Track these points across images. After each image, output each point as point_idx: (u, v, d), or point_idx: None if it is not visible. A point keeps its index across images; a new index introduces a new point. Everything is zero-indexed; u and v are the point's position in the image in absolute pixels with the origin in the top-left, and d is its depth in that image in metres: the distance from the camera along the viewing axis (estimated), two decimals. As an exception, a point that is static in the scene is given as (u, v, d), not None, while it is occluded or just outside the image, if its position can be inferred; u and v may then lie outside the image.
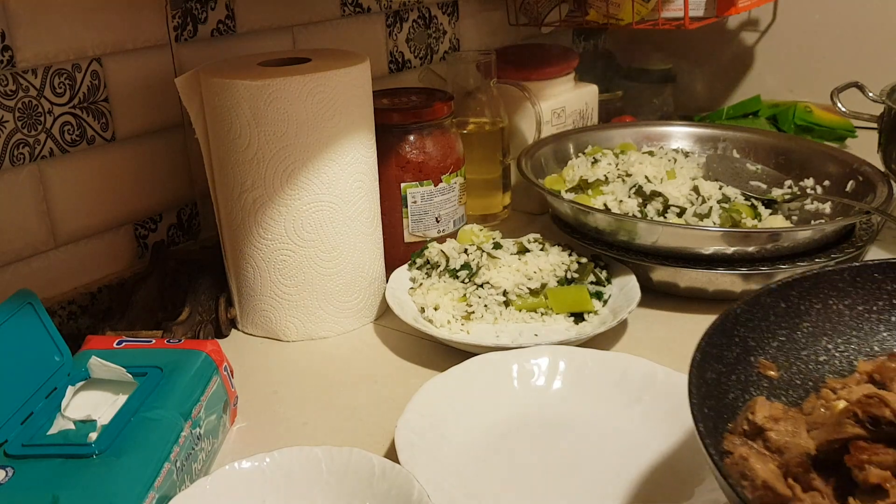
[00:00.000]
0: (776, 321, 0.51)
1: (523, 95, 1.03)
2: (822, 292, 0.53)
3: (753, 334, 0.50)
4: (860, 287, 0.54)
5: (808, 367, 0.51)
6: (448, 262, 0.83)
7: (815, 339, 0.52)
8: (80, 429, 0.55)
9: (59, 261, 0.80)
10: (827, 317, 0.53)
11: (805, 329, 0.52)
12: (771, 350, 0.51)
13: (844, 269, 0.54)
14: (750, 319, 0.50)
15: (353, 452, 0.55)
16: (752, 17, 1.40)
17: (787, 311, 0.52)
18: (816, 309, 0.53)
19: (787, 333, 0.52)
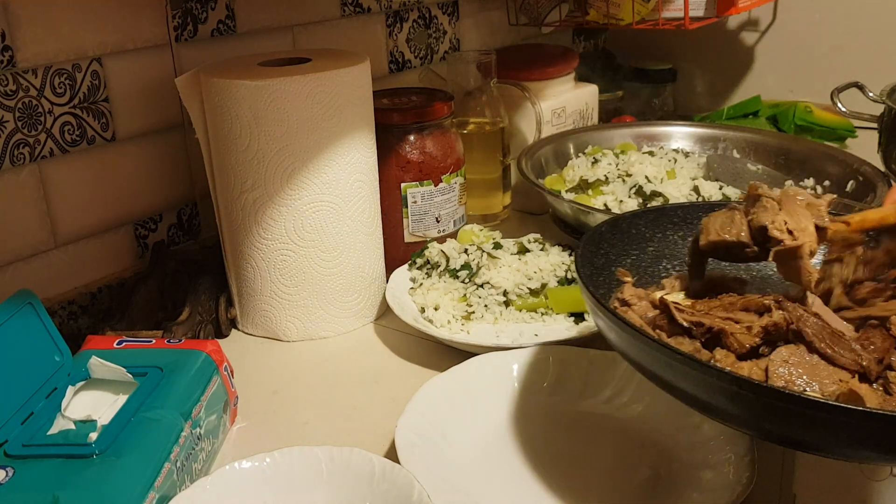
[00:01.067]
0: (629, 242, 0.65)
1: (523, 95, 1.03)
2: (662, 224, 0.67)
3: (614, 250, 0.64)
4: (690, 222, 0.67)
5: (651, 280, 0.66)
6: (448, 262, 0.83)
7: (657, 261, 0.66)
8: (80, 429, 0.55)
9: (60, 261, 0.80)
10: (665, 244, 0.67)
11: (650, 251, 0.66)
12: (626, 264, 0.65)
13: (678, 206, 0.68)
14: (611, 238, 0.64)
15: (354, 452, 0.55)
16: (752, 17, 1.40)
17: (637, 236, 0.66)
18: (658, 237, 0.67)
19: (637, 254, 0.66)
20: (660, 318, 0.56)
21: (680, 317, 0.54)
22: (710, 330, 0.53)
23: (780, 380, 0.49)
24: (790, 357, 0.50)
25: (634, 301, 0.58)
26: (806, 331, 0.51)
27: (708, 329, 0.53)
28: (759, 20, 1.40)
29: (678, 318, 0.54)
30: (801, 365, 0.50)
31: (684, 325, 0.54)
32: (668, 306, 0.56)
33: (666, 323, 0.56)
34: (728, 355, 0.52)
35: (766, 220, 0.57)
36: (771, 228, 0.56)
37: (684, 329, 0.54)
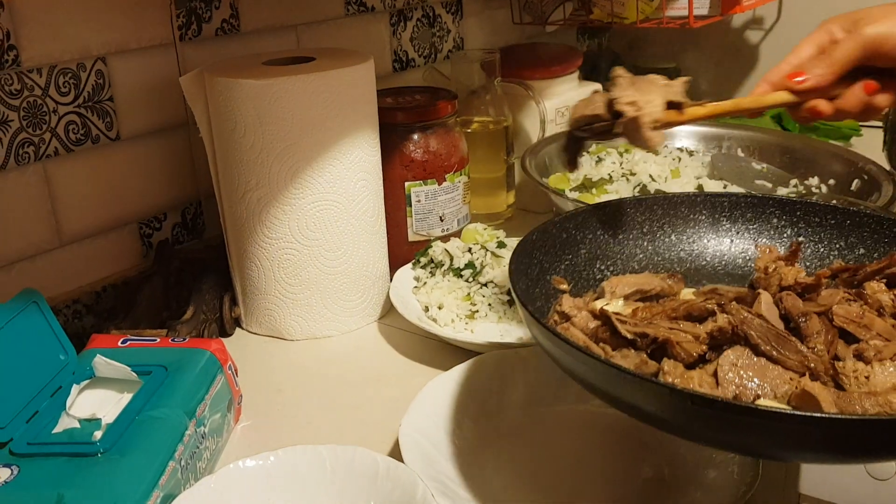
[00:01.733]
0: (561, 247, 0.64)
1: (527, 94, 1.03)
2: (591, 225, 0.66)
3: (547, 257, 0.63)
4: (619, 220, 0.67)
5: (588, 284, 0.65)
6: (452, 261, 0.83)
7: (591, 263, 0.66)
8: (84, 427, 0.55)
9: (64, 260, 0.80)
10: (597, 245, 0.66)
11: (582, 255, 0.65)
12: (560, 270, 0.63)
13: (605, 205, 0.67)
14: (542, 245, 0.62)
15: (358, 451, 0.55)
16: (756, 16, 1.40)
17: (568, 241, 0.65)
18: (589, 239, 0.66)
19: (570, 258, 0.65)
20: (602, 331, 0.55)
21: (623, 328, 0.53)
22: (655, 340, 0.52)
23: (730, 385, 0.49)
24: (738, 360, 0.50)
25: (574, 313, 0.57)
26: (751, 333, 0.51)
27: (653, 340, 0.53)
28: (764, 18, 1.40)
29: (621, 329, 0.53)
30: (749, 367, 0.50)
31: (628, 338, 0.53)
32: (609, 318, 0.54)
33: (609, 335, 0.54)
34: (676, 366, 0.51)
35: (615, 95, 0.63)
36: (616, 102, 0.62)
37: (628, 341, 0.53)
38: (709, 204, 0.68)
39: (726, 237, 0.67)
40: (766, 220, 0.67)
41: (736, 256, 0.67)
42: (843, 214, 0.66)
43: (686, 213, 0.68)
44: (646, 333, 0.53)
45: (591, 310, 0.58)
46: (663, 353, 0.52)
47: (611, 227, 0.66)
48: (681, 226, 0.67)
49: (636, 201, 0.67)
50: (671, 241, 0.67)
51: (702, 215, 0.68)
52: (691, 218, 0.68)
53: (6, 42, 0.72)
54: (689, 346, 0.52)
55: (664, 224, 0.67)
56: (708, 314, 0.54)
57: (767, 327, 0.52)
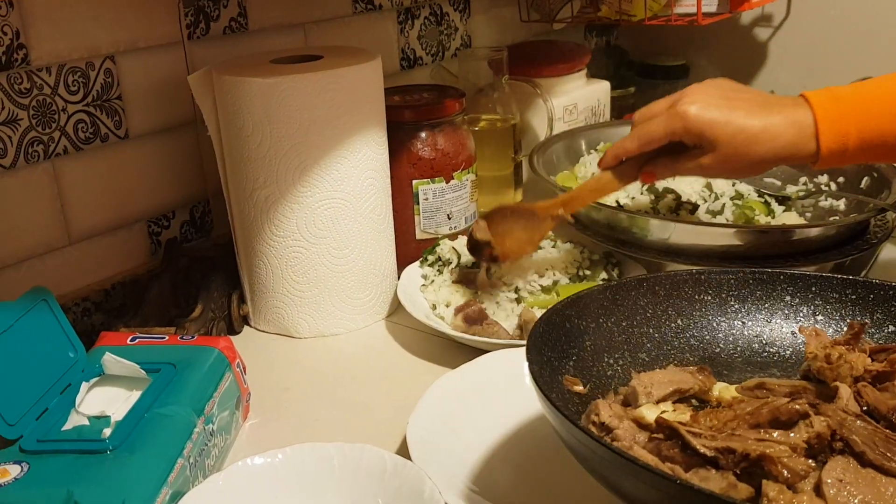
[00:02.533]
0: (566, 340, 0.56)
1: (535, 92, 1.02)
2: (592, 312, 0.58)
3: (554, 354, 0.54)
4: (620, 304, 0.60)
5: (601, 382, 0.56)
6: (460, 260, 0.83)
7: (598, 356, 0.57)
8: (94, 425, 0.55)
9: (74, 258, 0.81)
10: (601, 334, 0.58)
11: (588, 347, 0.57)
12: (570, 368, 0.55)
13: (606, 288, 0.60)
14: (549, 339, 0.54)
15: (365, 449, 0.55)
16: (765, 13, 1.39)
17: (571, 331, 0.57)
18: (592, 328, 0.58)
19: (577, 352, 0.56)
20: (667, 447, 0.46)
21: (698, 443, 0.44)
22: (747, 457, 0.43)
23: None
24: (844, 475, 0.42)
25: (616, 423, 0.49)
26: (854, 439, 0.44)
27: (743, 456, 0.43)
28: (773, 15, 1.39)
29: (696, 444, 0.44)
30: (858, 483, 0.42)
31: (707, 455, 0.44)
32: (676, 430, 0.46)
33: (677, 452, 0.45)
34: (782, 490, 0.42)
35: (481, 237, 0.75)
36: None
37: (707, 459, 0.44)
38: (714, 282, 0.62)
39: (737, 319, 0.61)
40: (778, 298, 0.61)
41: (751, 341, 0.61)
42: (863, 288, 0.59)
43: (690, 294, 0.62)
44: (732, 449, 0.43)
45: (635, 419, 0.50)
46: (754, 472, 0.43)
47: (613, 314, 0.59)
48: (686, 308, 0.61)
49: (636, 282, 0.61)
50: (678, 325, 0.61)
51: (707, 295, 0.62)
52: (696, 299, 0.62)
53: (16, 41, 0.73)
54: (794, 464, 0.43)
55: (668, 307, 0.61)
56: (799, 417, 0.46)
57: (873, 429, 0.44)
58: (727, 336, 0.61)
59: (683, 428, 0.46)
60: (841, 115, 0.65)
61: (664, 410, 0.52)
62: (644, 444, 0.47)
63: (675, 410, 0.53)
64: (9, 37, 0.72)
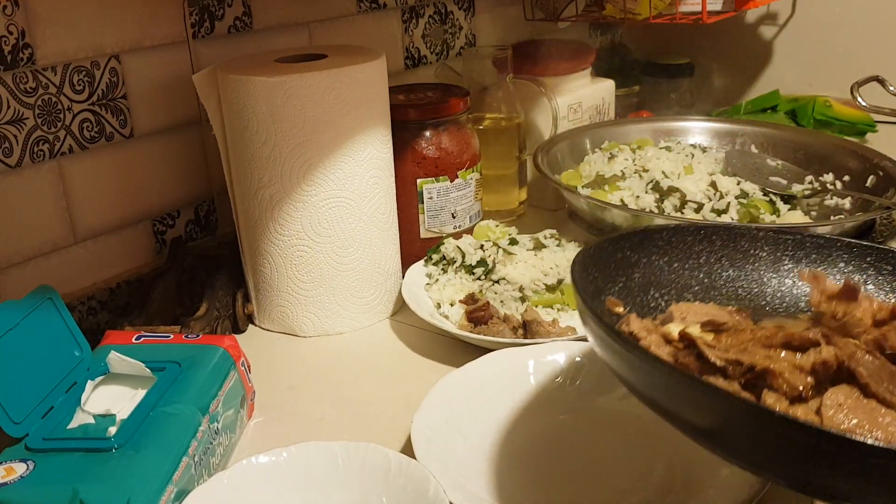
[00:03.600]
0: (616, 269, 0.59)
1: (539, 91, 1.02)
2: (646, 248, 0.61)
3: (602, 275, 0.57)
4: (675, 247, 0.62)
5: (642, 311, 0.59)
6: (464, 258, 0.83)
7: (645, 289, 0.60)
8: (99, 423, 0.56)
9: (79, 257, 0.81)
10: (651, 270, 0.60)
11: (636, 279, 0.60)
12: (615, 292, 0.58)
13: (663, 228, 0.62)
14: (598, 262, 0.57)
15: (370, 448, 0.55)
16: (770, 11, 1.39)
17: (623, 262, 0.59)
18: (643, 262, 0.60)
19: (624, 281, 0.59)
20: (684, 355, 0.49)
21: (712, 353, 0.47)
22: (752, 369, 0.46)
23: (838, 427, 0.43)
24: (845, 400, 0.44)
25: (644, 335, 0.52)
26: (860, 371, 0.45)
27: (749, 368, 0.46)
28: (778, 14, 1.39)
29: (709, 354, 0.47)
30: (857, 410, 0.44)
31: (718, 364, 0.47)
32: (694, 341, 0.49)
33: (693, 360, 0.48)
34: (779, 399, 0.44)
35: None
36: None
37: (718, 368, 0.47)
38: (771, 240, 0.63)
39: (788, 277, 0.62)
40: (832, 264, 0.62)
41: (798, 299, 0.61)
42: None
43: (746, 248, 0.62)
44: (740, 361, 0.46)
45: (663, 333, 0.52)
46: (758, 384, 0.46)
47: (666, 254, 0.61)
48: (740, 260, 0.62)
49: (695, 229, 0.62)
50: (729, 275, 0.62)
51: (763, 251, 0.63)
52: (751, 253, 0.62)
53: (21, 40, 0.73)
54: (794, 378, 0.45)
55: (722, 257, 0.62)
56: (810, 344, 0.47)
57: (880, 364, 0.45)
58: (776, 291, 0.62)
59: (700, 340, 0.48)
60: None
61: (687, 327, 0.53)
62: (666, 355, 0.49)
63: (702, 333, 0.54)
64: (14, 36, 0.72)
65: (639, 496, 0.56)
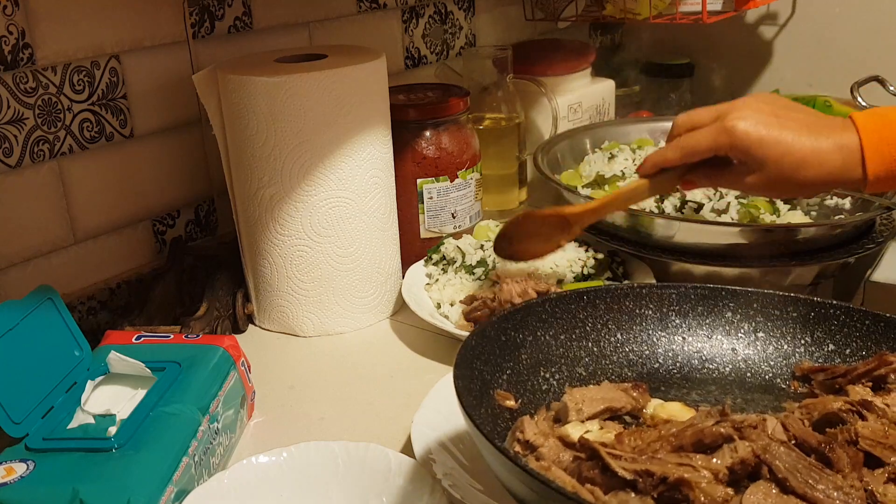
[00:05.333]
0: (501, 354, 0.55)
1: (539, 91, 1.02)
2: (531, 324, 0.57)
3: (487, 367, 0.53)
4: (559, 318, 0.59)
5: (535, 397, 0.55)
6: (464, 258, 0.83)
7: (534, 370, 0.56)
8: (99, 423, 0.56)
9: (79, 256, 0.81)
10: (538, 348, 0.57)
11: (524, 361, 0.56)
12: (503, 382, 0.54)
13: (546, 300, 0.59)
14: (482, 352, 0.53)
15: (370, 447, 0.55)
16: (770, 11, 1.39)
17: (507, 344, 0.56)
18: (529, 341, 0.57)
19: (511, 365, 0.55)
20: (587, 467, 0.45)
21: (618, 466, 0.44)
22: (665, 481, 0.43)
23: None
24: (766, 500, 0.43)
25: (541, 441, 0.48)
26: (777, 465, 0.44)
27: (661, 479, 0.43)
28: (778, 14, 1.39)
29: (616, 467, 0.44)
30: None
31: (627, 478, 0.43)
32: (596, 451, 0.45)
33: (597, 473, 0.44)
34: None
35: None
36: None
37: (627, 482, 0.43)
38: (655, 297, 0.61)
39: (677, 334, 0.61)
40: (719, 314, 0.61)
41: (690, 357, 0.60)
42: (805, 306, 0.59)
43: (631, 308, 0.61)
44: (651, 472, 0.43)
45: (560, 437, 0.49)
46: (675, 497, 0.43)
47: (551, 327, 0.58)
48: (626, 322, 0.60)
49: (577, 295, 0.60)
50: (617, 340, 0.60)
51: (648, 310, 0.61)
52: (637, 313, 0.61)
53: (21, 41, 0.73)
54: (711, 489, 0.42)
55: (608, 321, 0.60)
56: (723, 440, 0.45)
57: (797, 457, 0.44)
58: (667, 351, 0.60)
59: (604, 449, 0.45)
60: (889, 140, 0.62)
61: (588, 430, 0.51)
62: (567, 465, 0.47)
63: (602, 429, 0.51)
64: (14, 36, 0.72)
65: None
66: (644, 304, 0.61)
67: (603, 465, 0.44)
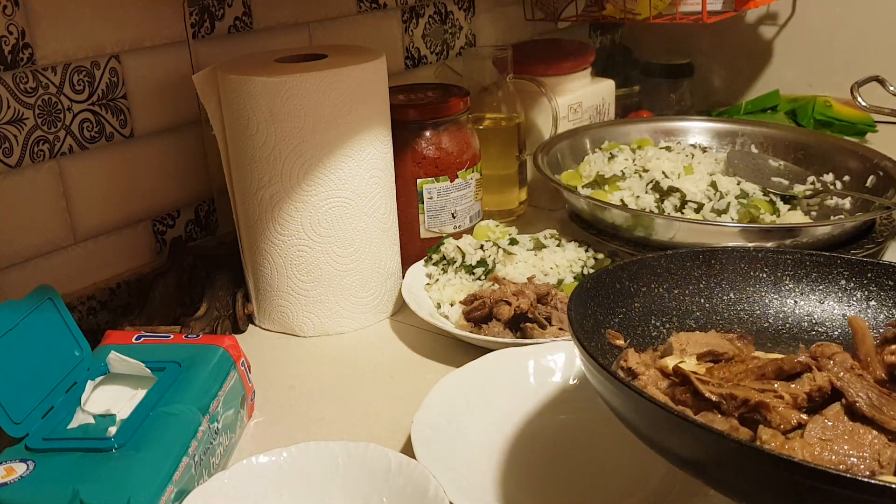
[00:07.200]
0: (615, 300, 0.58)
1: (539, 91, 1.02)
2: (644, 277, 0.60)
3: (601, 309, 0.57)
4: (674, 273, 0.61)
5: (644, 341, 0.58)
6: (464, 258, 0.83)
7: (646, 318, 0.59)
8: (99, 423, 0.56)
9: (79, 256, 0.81)
10: (651, 299, 0.60)
11: (636, 309, 0.59)
12: (615, 324, 0.57)
13: (661, 256, 0.62)
14: (596, 295, 0.57)
15: (370, 448, 0.55)
16: (770, 11, 1.39)
17: (622, 292, 0.59)
18: (643, 291, 0.60)
19: (624, 311, 0.58)
20: (681, 392, 0.49)
21: (706, 389, 0.48)
22: (746, 403, 0.47)
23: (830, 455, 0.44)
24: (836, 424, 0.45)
25: (642, 370, 0.52)
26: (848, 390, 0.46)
27: (743, 402, 0.47)
28: (778, 14, 1.39)
29: (703, 390, 0.48)
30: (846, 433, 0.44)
31: (713, 399, 0.47)
32: (688, 377, 0.49)
33: (689, 396, 0.49)
34: (775, 435, 0.45)
35: None
36: None
37: (713, 404, 0.47)
38: (770, 261, 0.63)
39: (789, 297, 0.62)
40: (833, 282, 0.62)
41: (800, 319, 0.61)
42: None
43: (745, 270, 0.62)
44: (734, 395, 0.47)
45: (660, 367, 0.52)
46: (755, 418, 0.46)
47: (665, 281, 0.61)
48: (740, 283, 0.62)
49: (693, 254, 0.62)
50: (730, 298, 0.62)
51: (763, 273, 0.63)
52: (751, 275, 0.62)
53: (21, 40, 0.73)
54: (787, 413, 0.46)
55: (722, 280, 0.62)
56: (803, 370, 0.48)
57: (867, 384, 0.46)
58: (777, 312, 0.62)
59: (694, 376, 0.49)
60: None
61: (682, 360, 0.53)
62: (663, 390, 0.50)
63: (698, 365, 0.54)
64: (14, 36, 0.72)
65: (637, 497, 0.56)
66: (759, 268, 0.63)
67: (693, 389, 0.48)
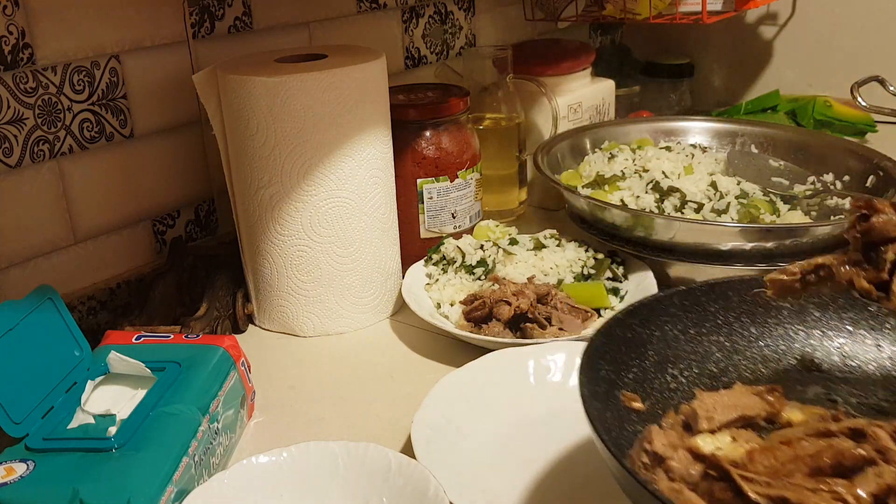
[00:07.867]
0: (626, 352, 0.52)
1: (539, 91, 1.02)
2: (658, 319, 0.54)
3: (612, 367, 0.51)
4: (688, 311, 0.55)
5: (662, 397, 0.52)
6: (464, 258, 0.83)
7: (662, 368, 0.53)
8: (99, 423, 0.56)
9: (79, 256, 0.81)
10: (666, 344, 0.54)
11: (651, 358, 0.53)
12: (629, 382, 0.51)
13: (673, 294, 0.55)
14: (607, 352, 0.51)
15: (370, 448, 0.55)
16: (770, 11, 1.39)
17: (633, 341, 0.53)
18: (656, 337, 0.54)
19: (637, 363, 0.52)
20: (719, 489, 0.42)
21: (751, 489, 0.41)
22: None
23: None
24: None
25: (670, 454, 0.45)
26: None
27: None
28: (778, 14, 1.39)
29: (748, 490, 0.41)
30: None
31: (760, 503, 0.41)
32: (728, 473, 0.42)
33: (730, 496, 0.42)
34: None
35: None
36: None
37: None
38: None
39: (816, 328, 0.56)
40: (861, 307, 0.56)
41: (830, 352, 0.56)
42: None
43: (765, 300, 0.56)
44: (786, 500, 0.40)
45: (689, 448, 0.46)
46: None
47: (680, 321, 0.55)
48: (760, 315, 0.56)
49: (707, 287, 0.56)
50: (751, 334, 0.56)
51: (784, 302, 0.57)
52: (772, 305, 0.57)
53: (21, 40, 0.73)
54: None
55: (741, 314, 0.56)
56: (864, 464, 0.41)
57: None
58: (804, 347, 0.56)
59: (735, 471, 0.42)
60: None
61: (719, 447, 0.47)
62: (697, 481, 0.44)
63: (734, 441, 0.48)
64: (14, 36, 0.72)
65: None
66: None
67: (736, 488, 0.42)
